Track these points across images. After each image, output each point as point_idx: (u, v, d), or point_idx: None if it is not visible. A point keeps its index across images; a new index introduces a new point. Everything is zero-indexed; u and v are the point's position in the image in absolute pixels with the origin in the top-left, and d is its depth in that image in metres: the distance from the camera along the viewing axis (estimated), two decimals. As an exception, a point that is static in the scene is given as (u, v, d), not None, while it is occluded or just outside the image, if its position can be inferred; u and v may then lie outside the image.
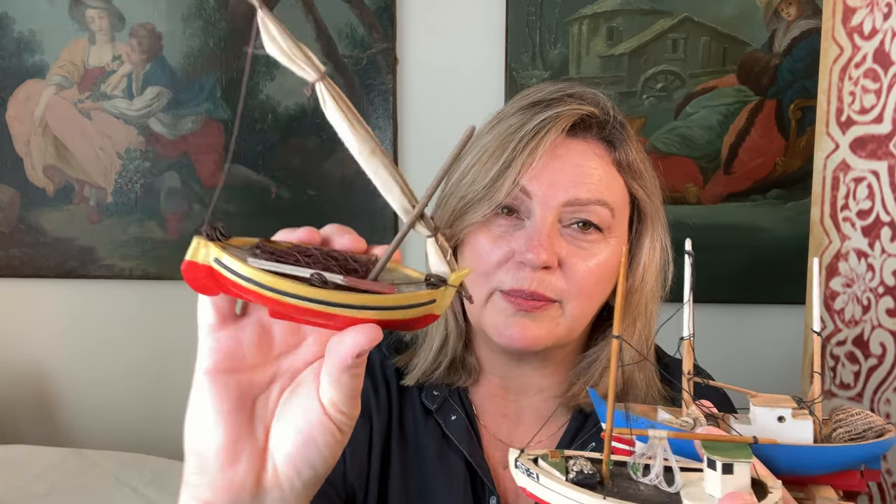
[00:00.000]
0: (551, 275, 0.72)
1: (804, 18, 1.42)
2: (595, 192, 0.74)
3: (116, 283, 1.65)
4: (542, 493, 0.41)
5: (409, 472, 0.79)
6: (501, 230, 0.75)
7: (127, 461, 1.42)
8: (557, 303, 0.74)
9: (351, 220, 1.83)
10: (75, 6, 1.58)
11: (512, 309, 0.73)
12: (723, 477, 0.38)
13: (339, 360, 0.40)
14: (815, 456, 0.46)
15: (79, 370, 1.69)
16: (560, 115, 0.74)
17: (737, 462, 0.38)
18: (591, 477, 0.41)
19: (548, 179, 0.73)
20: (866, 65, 1.10)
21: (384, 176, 0.40)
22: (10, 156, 1.63)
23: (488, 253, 0.74)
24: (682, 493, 0.40)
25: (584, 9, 1.47)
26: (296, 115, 1.55)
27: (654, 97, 1.47)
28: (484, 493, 0.78)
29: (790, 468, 0.45)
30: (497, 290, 0.74)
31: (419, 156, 1.56)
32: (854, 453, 0.47)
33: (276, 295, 0.38)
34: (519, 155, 0.72)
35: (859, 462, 0.48)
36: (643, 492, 0.40)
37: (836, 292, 1.16)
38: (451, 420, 0.80)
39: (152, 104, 1.59)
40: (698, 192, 1.48)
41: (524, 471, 0.42)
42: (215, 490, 0.43)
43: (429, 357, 0.80)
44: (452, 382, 0.81)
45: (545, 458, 0.42)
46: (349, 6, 1.52)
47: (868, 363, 1.11)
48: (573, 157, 0.74)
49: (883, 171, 1.08)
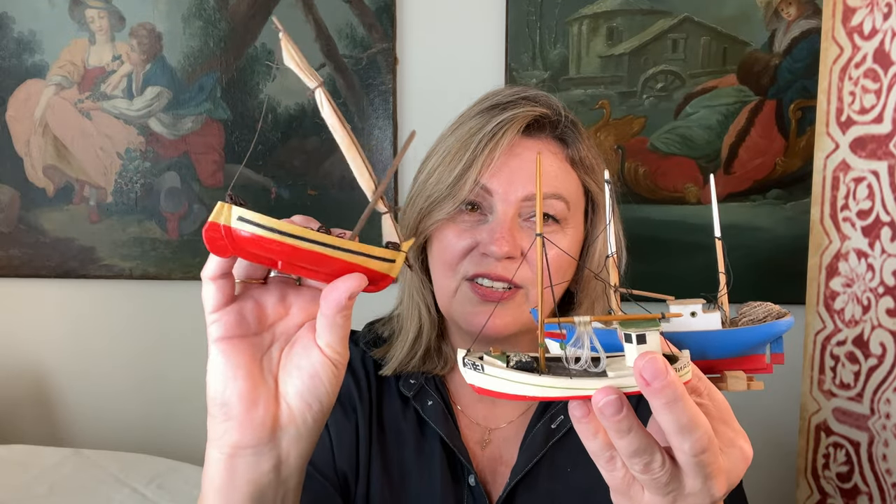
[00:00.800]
0: (514, 264, 0.78)
1: (804, 18, 1.42)
2: (551, 186, 0.80)
3: (116, 283, 1.65)
4: (487, 383, 0.47)
5: (388, 458, 0.84)
6: (466, 225, 0.81)
7: (127, 461, 1.42)
8: (522, 290, 0.79)
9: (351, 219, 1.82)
10: (75, 6, 1.58)
11: (478, 298, 0.79)
12: (638, 347, 0.45)
13: (334, 303, 0.50)
14: (718, 339, 0.52)
15: (79, 370, 1.69)
16: (516, 117, 0.80)
17: (648, 332, 0.45)
18: (529, 364, 0.47)
19: (507, 177, 0.79)
20: (866, 65, 1.10)
21: (357, 163, 0.54)
22: (10, 156, 1.63)
23: (454, 245, 0.81)
24: (607, 369, 0.47)
25: (584, 9, 1.47)
26: (296, 115, 1.55)
27: (654, 97, 1.47)
28: (462, 472, 0.82)
29: (699, 351, 0.51)
30: (464, 280, 0.80)
31: (419, 156, 1.56)
32: (751, 334, 0.52)
33: (294, 241, 0.47)
34: (479, 155, 0.79)
35: (761, 343, 0.53)
36: (576, 372, 0.47)
37: (836, 292, 1.16)
38: (428, 405, 0.85)
39: (152, 104, 1.59)
40: (698, 192, 1.48)
41: (471, 366, 0.47)
42: (242, 429, 0.52)
43: (404, 348, 0.87)
44: (429, 370, 0.87)
45: (488, 353, 0.48)
46: (349, 6, 1.52)
47: (868, 363, 1.11)
48: (530, 155, 0.80)
49: (883, 171, 1.08)
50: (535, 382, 0.46)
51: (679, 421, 0.45)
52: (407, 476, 0.84)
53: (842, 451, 1.17)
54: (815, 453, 1.22)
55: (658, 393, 0.44)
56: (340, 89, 1.53)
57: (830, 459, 1.19)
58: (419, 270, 0.87)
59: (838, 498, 1.19)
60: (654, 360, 0.44)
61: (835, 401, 1.18)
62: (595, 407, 0.45)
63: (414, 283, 0.88)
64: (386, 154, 1.54)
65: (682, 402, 0.44)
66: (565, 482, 0.82)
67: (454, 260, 0.80)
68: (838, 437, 1.18)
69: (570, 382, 0.45)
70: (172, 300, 1.65)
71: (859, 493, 1.15)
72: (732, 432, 0.50)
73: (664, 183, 1.48)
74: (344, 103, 1.53)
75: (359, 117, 1.53)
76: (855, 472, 1.15)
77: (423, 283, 0.87)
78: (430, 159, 0.86)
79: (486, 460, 0.85)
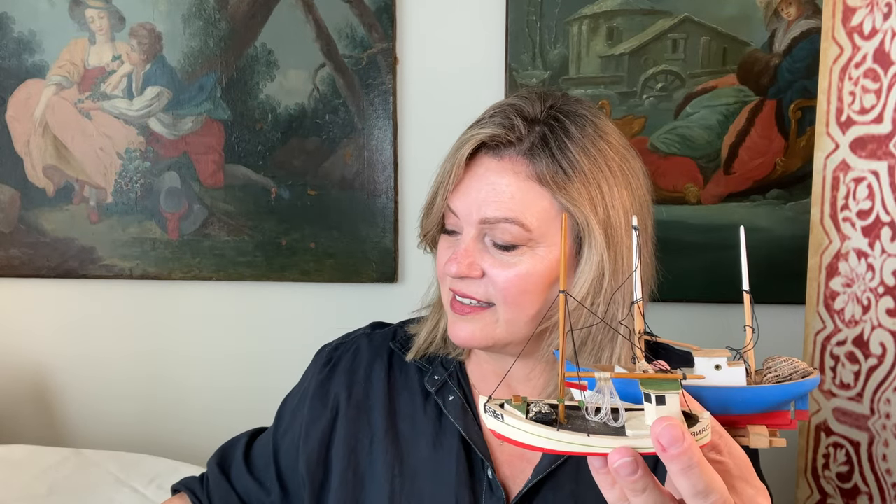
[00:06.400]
0: (476, 283, 0.79)
1: (804, 18, 1.42)
2: (504, 209, 0.76)
3: (116, 283, 1.65)
4: (507, 432, 0.47)
5: (401, 451, 0.87)
6: (448, 243, 0.83)
7: (127, 461, 1.42)
8: (493, 307, 0.80)
9: (351, 220, 1.82)
10: (75, 6, 1.58)
11: (454, 313, 0.82)
12: (657, 408, 0.45)
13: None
14: (743, 396, 0.52)
15: (79, 370, 1.69)
16: (471, 138, 0.79)
17: (668, 394, 0.45)
18: (548, 415, 0.47)
19: (467, 198, 0.79)
20: (866, 65, 1.10)
21: None
22: (10, 156, 1.63)
23: (441, 260, 0.84)
24: (626, 425, 0.47)
25: (584, 9, 1.47)
26: (296, 115, 1.55)
27: (654, 97, 1.47)
28: (482, 466, 0.84)
29: (722, 407, 0.51)
30: (450, 292, 0.82)
31: (419, 156, 1.56)
32: (777, 392, 0.52)
33: None
34: (447, 177, 0.80)
35: (786, 401, 0.53)
36: (593, 427, 0.47)
37: (836, 292, 1.16)
38: (450, 400, 0.88)
39: (152, 104, 1.59)
40: (698, 192, 1.48)
41: (492, 413, 0.48)
42: None
43: (427, 328, 0.91)
44: (449, 352, 0.91)
45: (509, 402, 0.49)
46: (349, 6, 1.52)
47: (868, 363, 1.11)
48: (489, 176, 0.78)
49: (883, 171, 1.08)
50: (553, 437, 0.46)
51: (695, 487, 0.45)
52: (419, 469, 0.86)
53: (842, 451, 1.17)
54: (815, 453, 1.22)
55: (674, 459, 0.44)
56: (340, 89, 1.53)
57: (830, 459, 1.19)
58: None
59: (838, 498, 1.19)
60: (672, 427, 0.44)
61: (835, 401, 1.18)
62: (611, 467, 0.46)
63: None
64: (386, 154, 1.54)
65: (698, 468, 0.45)
66: (590, 484, 0.82)
67: (442, 276, 0.84)
68: (838, 437, 1.18)
69: (587, 440, 0.46)
70: (172, 300, 1.65)
71: (859, 493, 1.15)
72: (752, 489, 0.51)
73: (664, 183, 1.48)
74: (344, 103, 1.53)
75: (359, 117, 1.53)
76: (855, 472, 1.15)
77: None
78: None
79: (507, 455, 0.85)
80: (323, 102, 1.54)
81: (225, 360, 1.64)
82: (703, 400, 0.51)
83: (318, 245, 1.58)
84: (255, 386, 1.62)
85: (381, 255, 1.57)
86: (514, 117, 0.78)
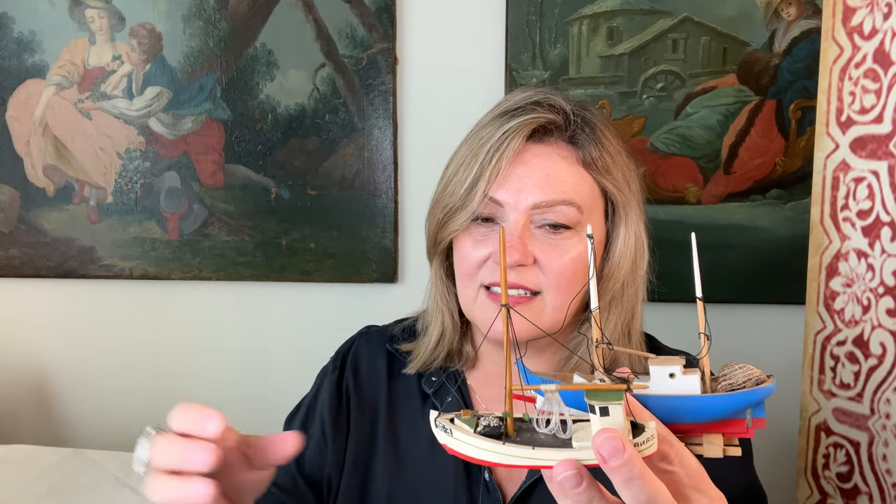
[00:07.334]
0: (528, 271, 0.79)
1: (804, 18, 1.42)
2: (559, 192, 0.79)
3: (116, 283, 1.65)
4: (456, 446, 0.48)
5: (399, 453, 0.87)
6: (481, 235, 0.82)
7: (127, 461, 1.42)
8: (539, 295, 0.80)
9: (351, 220, 1.82)
10: (75, 6, 1.58)
11: (494, 305, 0.80)
12: (601, 419, 0.45)
13: None
14: (694, 405, 0.51)
15: (79, 370, 1.69)
16: (521, 125, 0.79)
17: (611, 404, 0.45)
18: (496, 429, 0.48)
19: (515, 186, 0.79)
20: (866, 65, 1.10)
21: None
22: (10, 156, 1.63)
23: (470, 255, 0.82)
24: (574, 436, 0.47)
25: (584, 9, 1.47)
26: (296, 115, 1.55)
27: (654, 97, 1.47)
28: (479, 468, 0.84)
29: (674, 416, 0.51)
30: (482, 287, 0.81)
31: (419, 156, 1.56)
32: (728, 401, 0.51)
33: None
34: (487, 166, 0.79)
35: (740, 409, 0.51)
36: (541, 439, 0.47)
37: (836, 292, 1.16)
38: (447, 402, 0.88)
39: (152, 104, 1.59)
40: (698, 192, 1.48)
41: (441, 428, 0.48)
42: None
43: (427, 349, 0.89)
44: (450, 366, 0.90)
45: (459, 417, 0.49)
46: (349, 6, 1.52)
47: (868, 363, 1.11)
48: (538, 162, 0.79)
49: (883, 171, 1.08)
50: (499, 451, 0.47)
51: (638, 498, 0.45)
52: (417, 470, 0.86)
53: (842, 451, 1.17)
54: (815, 453, 1.22)
55: (615, 471, 0.44)
56: (340, 89, 1.53)
57: (830, 459, 1.19)
58: (444, 277, 0.89)
59: (838, 498, 1.19)
60: (611, 439, 0.44)
61: (835, 401, 1.18)
62: (555, 480, 0.46)
63: (438, 290, 0.90)
64: (386, 154, 1.54)
65: (639, 479, 0.45)
66: None
67: (472, 269, 0.82)
68: (838, 437, 1.18)
69: (532, 453, 0.46)
70: (172, 300, 1.65)
71: (859, 493, 1.15)
72: (706, 498, 0.51)
73: (664, 183, 1.48)
74: (344, 103, 1.53)
75: (359, 117, 1.53)
76: (855, 472, 1.15)
77: (447, 289, 0.89)
78: (448, 167, 0.86)
79: None
80: (323, 102, 1.54)
81: (225, 359, 1.64)
82: (654, 409, 0.50)
83: (318, 245, 1.58)
84: (255, 385, 1.62)
85: (381, 255, 1.57)
86: (556, 105, 0.81)
